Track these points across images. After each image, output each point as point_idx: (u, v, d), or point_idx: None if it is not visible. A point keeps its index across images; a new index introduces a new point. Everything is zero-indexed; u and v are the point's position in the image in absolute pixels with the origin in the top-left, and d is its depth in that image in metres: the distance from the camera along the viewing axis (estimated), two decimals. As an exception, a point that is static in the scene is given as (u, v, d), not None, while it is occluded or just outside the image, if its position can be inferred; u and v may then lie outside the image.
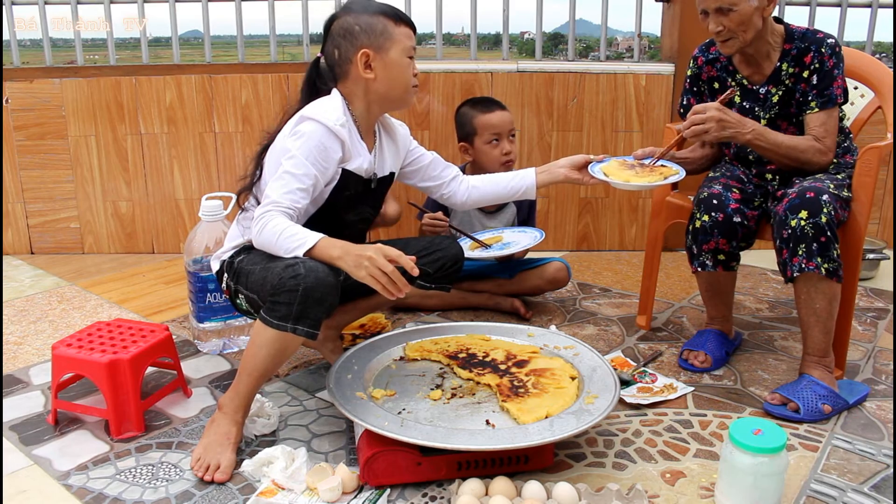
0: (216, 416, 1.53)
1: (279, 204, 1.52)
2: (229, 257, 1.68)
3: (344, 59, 1.65)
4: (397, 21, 1.65)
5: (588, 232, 3.14)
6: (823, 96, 1.83)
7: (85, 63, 3.02)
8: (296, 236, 1.47)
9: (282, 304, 1.42)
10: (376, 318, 2.25)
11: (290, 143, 1.57)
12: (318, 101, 1.65)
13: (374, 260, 1.41)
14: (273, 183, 1.55)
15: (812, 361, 1.77)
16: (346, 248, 1.46)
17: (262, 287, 1.50)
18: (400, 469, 1.39)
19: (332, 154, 1.60)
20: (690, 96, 2.06)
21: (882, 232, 3.14)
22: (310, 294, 1.41)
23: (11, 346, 2.11)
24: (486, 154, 2.33)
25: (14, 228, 3.04)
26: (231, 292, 1.67)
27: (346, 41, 1.63)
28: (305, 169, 1.55)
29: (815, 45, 1.84)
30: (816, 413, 1.68)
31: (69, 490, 1.42)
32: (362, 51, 1.62)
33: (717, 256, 1.90)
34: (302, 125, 1.59)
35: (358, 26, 1.62)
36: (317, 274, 1.41)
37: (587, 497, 1.34)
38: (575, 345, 1.79)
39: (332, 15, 1.68)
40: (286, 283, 1.41)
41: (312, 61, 1.74)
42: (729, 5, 1.77)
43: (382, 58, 1.63)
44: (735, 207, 1.84)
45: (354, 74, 1.65)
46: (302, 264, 1.42)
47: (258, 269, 1.53)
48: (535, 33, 3.17)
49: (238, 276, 1.61)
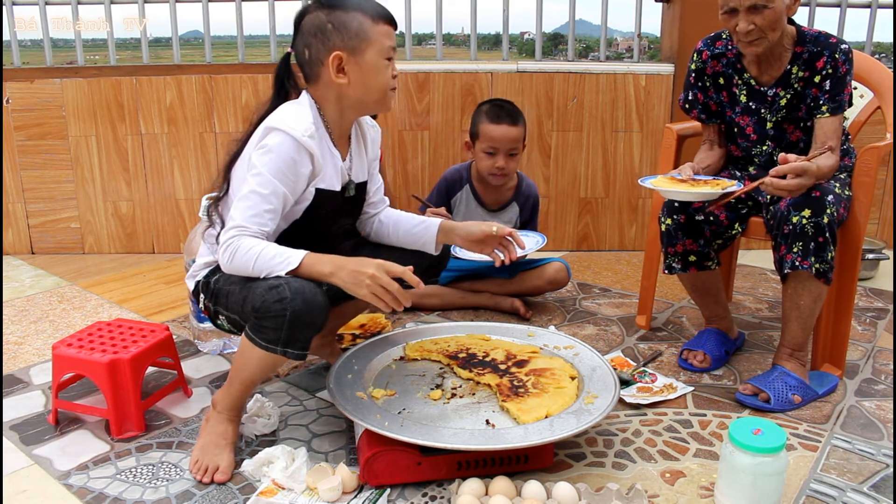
0: (210, 416, 1.52)
1: (245, 228, 1.40)
2: (204, 277, 1.57)
3: (315, 60, 1.50)
4: (375, 18, 1.48)
5: (588, 232, 3.15)
6: (835, 101, 1.80)
7: (85, 63, 3.03)
8: (277, 256, 1.37)
9: (269, 329, 1.35)
10: (376, 318, 2.25)
11: (256, 158, 1.44)
12: (286, 108, 1.51)
13: (377, 278, 1.34)
14: (239, 203, 1.42)
15: (786, 353, 1.81)
16: (339, 264, 1.37)
17: (242, 308, 1.41)
18: (400, 469, 1.39)
19: (302, 168, 1.46)
20: (696, 91, 2.01)
21: (881, 232, 3.15)
22: (298, 318, 1.33)
23: (12, 346, 2.11)
24: (480, 161, 2.34)
25: (14, 228, 3.05)
26: (210, 313, 1.57)
27: (318, 41, 1.48)
28: (273, 187, 1.42)
29: (828, 49, 1.80)
30: (786, 403, 1.72)
31: (69, 490, 1.42)
32: (334, 53, 1.46)
33: (687, 258, 1.93)
34: (268, 138, 1.44)
35: (330, 24, 1.46)
36: (304, 296, 1.33)
37: (587, 497, 1.34)
38: (575, 345, 1.79)
39: (304, 8, 1.52)
40: (271, 308, 1.32)
41: (282, 57, 1.57)
42: (765, 2, 1.69)
43: (357, 61, 1.48)
44: (698, 206, 1.84)
45: (326, 78, 1.50)
46: (286, 285, 1.33)
47: (237, 289, 1.43)
48: (535, 33, 3.17)
49: (216, 297, 1.51)
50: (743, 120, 1.95)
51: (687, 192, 1.77)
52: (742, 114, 1.95)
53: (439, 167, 2.89)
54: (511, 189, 2.45)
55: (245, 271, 1.40)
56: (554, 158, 3.05)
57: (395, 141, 2.99)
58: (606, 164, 3.06)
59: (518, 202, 2.45)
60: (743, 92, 1.93)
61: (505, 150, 2.30)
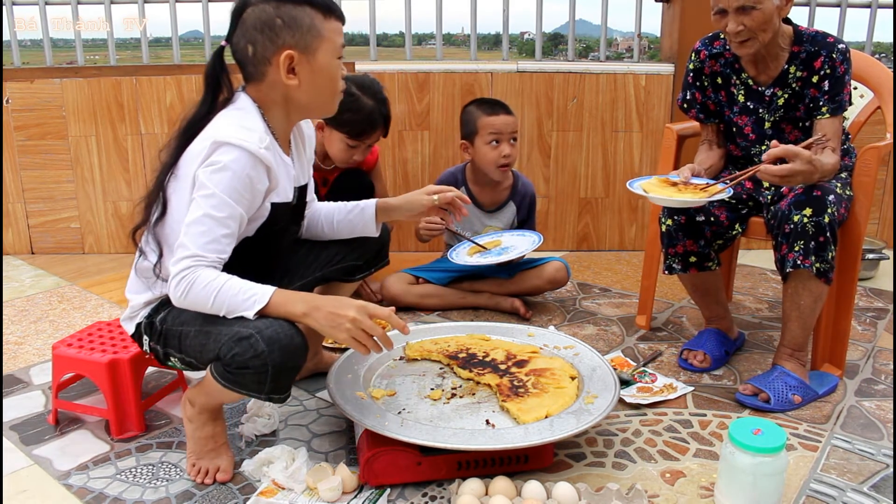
0: (191, 416, 1.44)
1: (201, 258, 1.26)
2: (146, 317, 1.40)
3: (260, 58, 1.35)
4: (327, 13, 1.36)
5: (588, 232, 3.15)
6: (835, 102, 1.80)
7: (85, 63, 3.03)
8: (241, 293, 1.25)
9: (248, 381, 1.26)
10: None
11: (205, 177, 1.27)
12: (230, 117, 1.36)
13: (359, 322, 1.26)
14: (191, 229, 1.26)
15: (786, 353, 1.81)
16: (313, 303, 1.27)
17: (201, 353, 1.31)
18: (400, 469, 1.39)
19: (258, 185, 1.33)
20: (695, 91, 2.01)
21: (881, 232, 3.15)
22: (280, 370, 1.25)
23: (12, 346, 2.11)
24: (485, 155, 2.33)
25: (14, 228, 3.05)
26: (158, 355, 1.42)
27: (264, 37, 1.33)
28: (229, 210, 1.28)
29: (825, 49, 1.79)
30: (786, 403, 1.72)
31: (69, 490, 1.42)
32: (286, 52, 1.33)
33: (687, 259, 1.93)
34: (219, 153, 1.28)
35: (280, 19, 1.32)
36: (280, 344, 1.23)
37: (587, 497, 1.34)
38: (575, 345, 1.79)
39: (242, 1, 1.35)
40: (248, 363, 1.23)
41: (215, 52, 1.39)
42: (753, 3, 1.70)
43: (309, 61, 1.35)
44: (699, 207, 1.84)
45: (273, 78, 1.36)
46: (258, 336, 1.22)
47: (192, 331, 1.31)
48: (535, 33, 3.17)
49: (165, 339, 1.37)
50: (741, 120, 1.96)
51: (670, 199, 1.74)
52: (740, 114, 1.95)
53: (439, 167, 2.89)
54: (507, 188, 2.45)
55: (203, 307, 1.26)
56: (554, 158, 3.05)
57: (395, 141, 2.99)
58: (606, 164, 3.06)
59: (515, 201, 2.45)
60: (741, 92, 1.93)
61: (507, 136, 2.32)
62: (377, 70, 2.90)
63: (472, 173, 2.43)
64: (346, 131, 2.19)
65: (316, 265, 1.65)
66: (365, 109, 2.17)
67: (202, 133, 1.34)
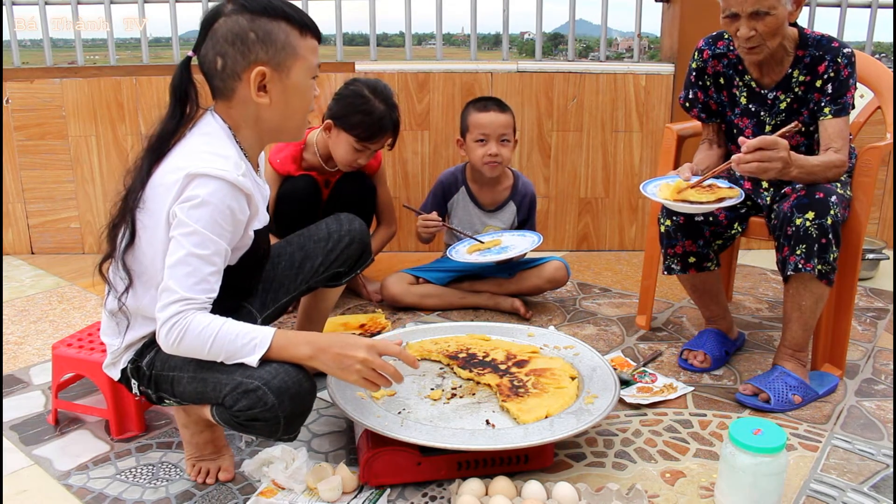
0: (185, 422, 1.42)
1: (192, 301, 1.19)
2: (131, 362, 1.34)
3: (230, 72, 1.27)
4: (303, 30, 1.30)
5: (588, 232, 3.15)
6: (838, 104, 1.79)
7: (85, 63, 3.02)
8: (240, 337, 1.20)
9: (258, 430, 1.25)
10: (376, 318, 2.25)
11: (184, 214, 1.19)
12: (199, 144, 1.27)
13: (370, 362, 1.23)
14: (175, 270, 1.19)
15: (787, 354, 1.81)
16: (318, 345, 1.23)
17: (201, 399, 1.28)
18: (400, 469, 1.39)
19: (240, 215, 1.26)
20: (697, 90, 2.00)
21: (881, 232, 3.15)
22: (292, 418, 1.23)
23: (11, 346, 2.11)
24: (473, 152, 2.33)
25: (14, 228, 3.04)
26: (151, 398, 1.37)
27: (236, 50, 1.25)
28: (214, 246, 1.21)
29: (830, 54, 1.78)
30: (786, 404, 1.72)
31: (69, 490, 1.42)
32: (258, 68, 1.26)
33: (686, 259, 1.93)
34: (195, 187, 1.20)
35: (254, 33, 1.25)
36: (290, 394, 1.20)
37: (587, 497, 1.34)
38: (575, 345, 1.79)
39: (217, 8, 1.28)
40: (258, 416, 1.20)
41: (182, 62, 1.30)
42: (767, 9, 1.67)
43: (282, 79, 1.29)
44: None
45: (242, 95, 1.29)
46: (265, 388, 1.18)
47: (186, 377, 1.27)
48: (535, 33, 3.17)
49: (156, 384, 1.32)
50: (742, 122, 1.95)
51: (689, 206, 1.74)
52: (741, 115, 1.95)
53: (439, 167, 2.89)
54: (507, 188, 2.45)
55: (198, 354, 1.21)
56: (554, 158, 3.05)
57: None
58: (606, 164, 3.06)
59: (515, 201, 2.45)
60: (743, 94, 1.93)
61: (496, 136, 2.29)
62: (377, 70, 2.90)
63: (472, 172, 2.43)
64: (355, 134, 2.18)
65: (301, 278, 1.61)
66: (376, 113, 2.17)
67: (170, 158, 1.27)
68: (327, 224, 1.65)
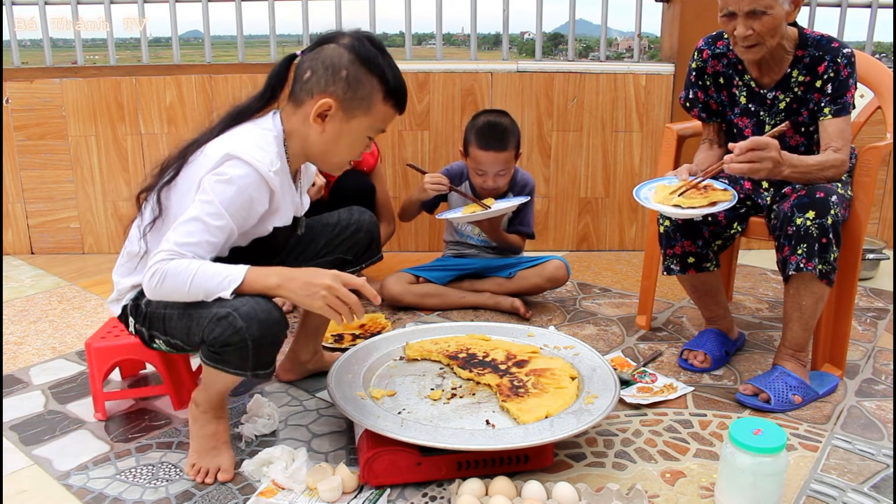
0: (196, 416, 1.46)
1: (178, 254, 1.27)
2: (132, 300, 1.44)
3: (309, 88, 1.38)
4: (388, 96, 1.40)
5: (588, 232, 3.15)
6: (838, 104, 1.78)
7: (85, 63, 3.02)
8: (216, 276, 1.26)
9: (231, 359, 1.29)
10: (376, 318, 2.25)
11: (209, 184, 1.30)
12: (249, 133, 1.39)
13: (334, 290, 1.27)
14: (180, 227, 1.29)
15: (787, 354, 1.81)
16: (287, 275, 1.29)
17: (186, 335, 1.34)
18: (400, 469, 1.39)
19: (258, 206, 1.36)
20: (697, 90, 1.99)
21: (882, 232, 3.15)
22: (260, 344, 1.27)
23: (11, 346, 2.11)
24: (472, 174, 2.38)
25: (14, 228, 3.04)
26: (144, 337, 1.46)
27: (325, 75, 1.37)
28: (222, 221, 1.30)
29: (829, 54, 1.78)
30: (787, 404, 1.72)
31: (69, 490, 1.42)
32: (328, 99, 1.36)
33: (686, 259, 1.93)
34: (229, 166, 1.31)
35: (346, 72, 1.36)
36: (258, 317, 1.25)
37: (587, 497, 1.34)
38: (575, 345, 1.79)
39: (336, 34, 1.40)
40: (229, 340, 1.26)
41: (286, 58, 1.44)
42: (764, 8, 1.67)
43: (343, 120, 1.39)
44: None
45: (306, 111, 1.39)
46: (235, 312, 1.25)
47: (175, 314, 1.34)
48: (535, 33, 3.17)
49: (150, 321, 1.40)
50: (742, 121, 1.95)
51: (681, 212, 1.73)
52: (741, 115, 1.95)
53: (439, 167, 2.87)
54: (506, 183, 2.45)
55: (179, 295, 1.28)
56: (554, 158, 3.05)
57: (395, 141, 2.99)
58: (606, 164, 3.06)
59: (514, 193, 2.46)
60: (743, 93, 1.93)
61: (493, 172, 2.31)
62: (377, 70, 2.90)
63: None
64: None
65: (304, 257, 1.66)
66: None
67: (226, 135, 1.38)
68: (339, 213, 1.72)
